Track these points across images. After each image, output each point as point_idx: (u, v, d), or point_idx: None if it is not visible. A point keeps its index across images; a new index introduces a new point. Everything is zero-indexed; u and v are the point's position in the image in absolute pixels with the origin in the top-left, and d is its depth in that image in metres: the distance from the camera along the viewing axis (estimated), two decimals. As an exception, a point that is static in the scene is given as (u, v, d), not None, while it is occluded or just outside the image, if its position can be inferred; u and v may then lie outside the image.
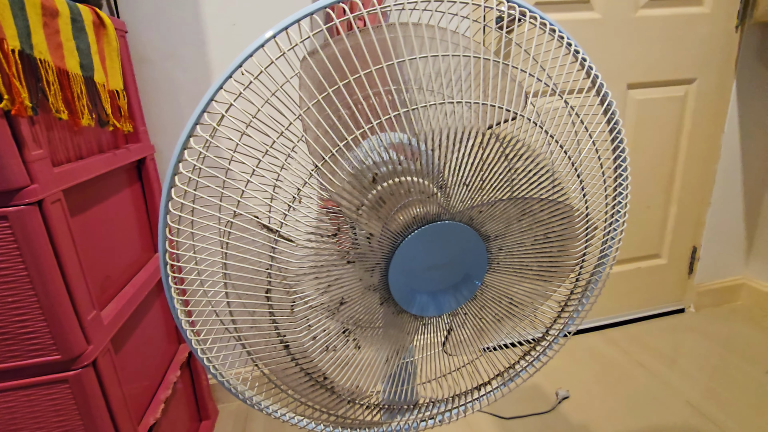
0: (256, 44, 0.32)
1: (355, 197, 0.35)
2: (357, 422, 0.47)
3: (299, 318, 0.36)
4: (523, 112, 0.38)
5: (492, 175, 0.37)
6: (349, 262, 0.36)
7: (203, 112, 0.32)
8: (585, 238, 0.42)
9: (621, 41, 1.18)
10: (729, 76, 1.29)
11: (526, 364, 0.49)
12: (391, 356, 0.42)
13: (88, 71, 0.68)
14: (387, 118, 0.35)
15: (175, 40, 0.93)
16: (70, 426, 0.62)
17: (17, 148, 0.52)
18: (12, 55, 0.50)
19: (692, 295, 1.50)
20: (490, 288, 0.43)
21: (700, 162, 1.36)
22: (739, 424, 1.01)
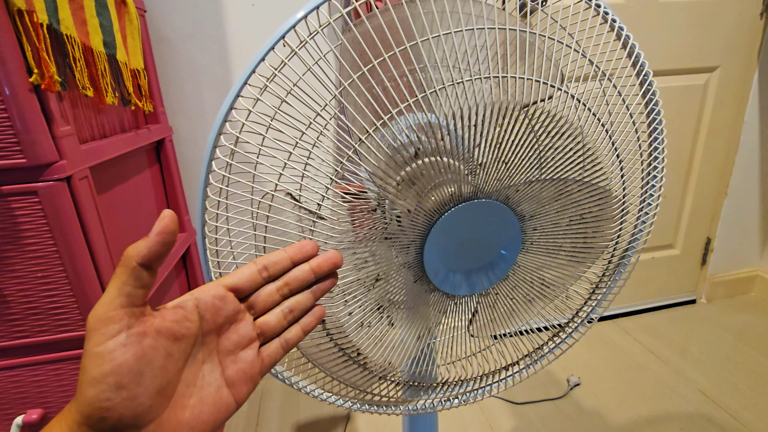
0: (300, 15, 0.32)
1: (394, 171, 0.35)
2: (383, 399, 0.47)
3: (336, 293, 0.36)
4: (563, 88, 0.37)
5: (530, 153, 0.37)
6: (387, 238, 0.36)
7: (244, 83, 0.31)
8: (620, 220, 0.42)
9: (644, 27, 1.16)
10: (752, 64, 1.26)
11: (554, 345, 0.49)
12: (423, 334, 0.42)
13: (111, 49, 0.67)
14: (414, 100, 0.35)
15: (194, 20, 0.92)
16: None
17: (46, 124, 0.52)
18: (41, 29, 0.50)
19: (705, 286, 1.49)
20: (523, 268, 0.43)
21: (719, 152, 1.34)
22: (752, 412, 1.02)
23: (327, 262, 0.26)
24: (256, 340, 0.25)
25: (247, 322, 0.25)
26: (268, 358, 0.25)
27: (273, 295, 0.25)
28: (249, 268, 0.24)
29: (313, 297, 0.27)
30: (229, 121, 0.34)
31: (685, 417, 1.02)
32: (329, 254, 0.26)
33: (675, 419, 1.02)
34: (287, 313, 0.26)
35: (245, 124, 0.34)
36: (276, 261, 0.25)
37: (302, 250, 0.26)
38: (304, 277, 0.26)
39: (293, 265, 0.26)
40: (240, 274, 0.24)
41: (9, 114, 0.49)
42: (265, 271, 0.25)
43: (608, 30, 0.38)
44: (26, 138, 0.50)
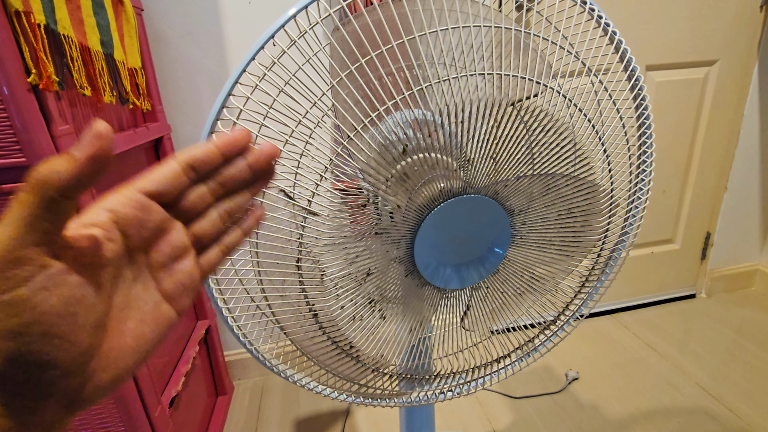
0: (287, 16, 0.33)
1: (384, 168, 0.35)
2: (378, 392, 0.48)
3: (328, 287, 0.37)
4: (550, 85, 0.38)
5: (519, 149, 0.37)
6: (377, 234, 0.37)
7: (242, 72, 0.32)
8: (609, 214, 0.43)
9: (643, 21, 1.15)
10: (751, 57, 1.25)
11: (545, 338, 0.49)
12: (415, 327, 0.43)
13: (108, 48, 0.68)
14: (410, 93, 0.35)
15: (191, 18, 0.92)
16: (98, 394, 0.64)
17: (45, 123, 0.53)
18: (38, 30, 0.51)
19: (704, 280, 1.49)
20: (513, 262, 0.43)
21: (719, 146, 1.34)
22: (750, 407, 1.02)
23: (265, 155, 0.22)
24: (192, 248, 0.22)
25: (177, 230, 0.21)
26: (208, 265, 0.23)
27: (206, 198, 0.22)
28: (170, 167, 0.20)
29: (251, 196, 0.24)
30: (221, 119, 0.34)
31: (684, 411, 1.03)
32: (265, 145, 0.23)
33: (673, 414, 1.02)
34: (225, 217, 0.23)
35: (237, 123, 0.35)
36: (203, 157, 0.21)
37: (235, 141, 0.21)
38: (240, 175, 0.22)
39: (224, 161, 0.22)
40: (160, 176, 0.20)
41: (8, 114, 0.50)
42: (191, 171, 0.21)
43: (594, 26, 0.38)
44: (25, 137, 0.51)
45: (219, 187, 0.22)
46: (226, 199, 0.23)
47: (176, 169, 0.20)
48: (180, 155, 0.20)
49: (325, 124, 0.36)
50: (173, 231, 0.21)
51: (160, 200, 0.20)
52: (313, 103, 0.33)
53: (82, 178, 0.16)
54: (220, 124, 0.33)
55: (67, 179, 0.15)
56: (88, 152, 0.16)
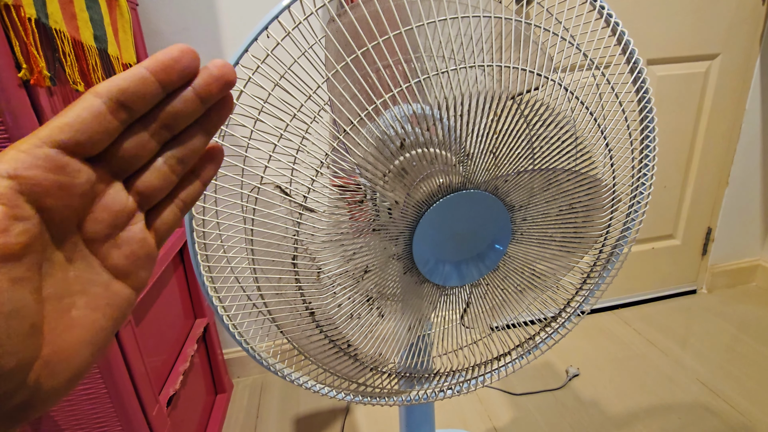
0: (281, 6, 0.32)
1: (382, 163, 0.35)
2: (377, 390, 0.48)
3: (325, 285, 0.36)
4: (551, 77, 0.37)
5: (520, 143, 0.37)
6: (375, 230, 0.36)
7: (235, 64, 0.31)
8: (611, 209, 0.42)
9: (644, 15, 1.14)
10: (753, 51, 1.24)
11: (546, 336, 0.49)
12: (414, 325, 0.42)
13: (102, 43, 0.67)
14: (408, 86, 0.34)
15: (187, 13, 0.91)
16: (96, 394, 0.64)
17: (37, 119, 0.52)
18: (29, 24, 0.50)
19: (705, 276, 1.49)
20: (513, 259, 0.43)
21: (720, 141, 1.33)
22: (751, 402, 1.02)
23: (217, 80, 0.17)
24: (138, 210, 0.18)
25: (115, 191, 0.17)
26: (164, 226, 0.19)
27: (147, 144, 0.17)
28: (88, 106, 0.15)
29: (207, 136, 0.19)
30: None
31: (685, 407, 1.02)
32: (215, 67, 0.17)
33: (674, 409, 1.02)
34: (175, 166, 0.18)
35: (231, 117, 0.34)
36: (134, 88, 0.16)
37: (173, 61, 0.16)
38: (188, 109, 0.17)
39: (164, 92, 0.17)
40: (76, 119, 0.15)
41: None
42: (121, 109, 0.16)
43: (596, 17, 0.37)
44: (17, 134, 0.50)
45: (162, 129, 0.17)
46: (175, 144, 0.18)
47: (99, 108, 0.15)
48: (101, 87, 0.15)
49: (322, 118, 0.35)
50: (109, 192, 0.17)
51: (83, 153, 0.15)
52: (308, 96, 0.32)
53: None
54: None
55: None
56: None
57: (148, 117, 0.17)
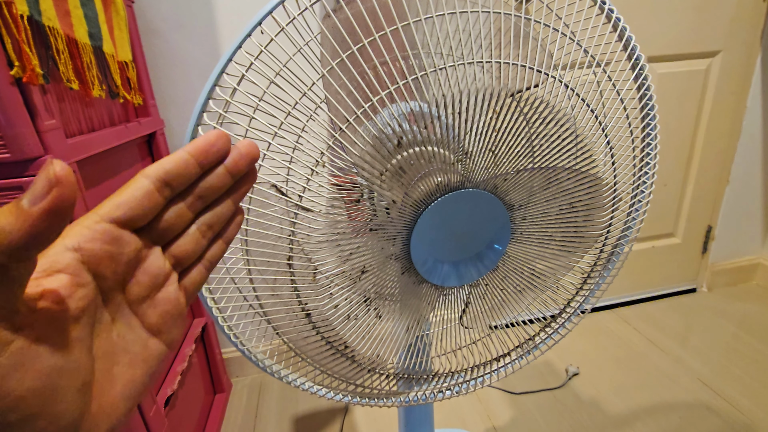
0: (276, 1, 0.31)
1: (379, 162, 0.34)
2: (375, 392, 0.47)
3: (321, 286, 0.36)
4: (551, 74, 0.36)
5: (519, 141, 0.36)
6: (372, 230, 0.36)
7: (228, 61, 0.30)
8: (612, 208, 0.41)
9: (644, 12, 1.13)
10: (754, 49, 1.24)
11: (546, 336, 0.48)
12: (412, 326, 0.41)
13: (96, 41, 0.66)
14: (405, 83, 0.34)
15: (183, 11, 0.90)
16: (91, 394, 0.63)
17: (30, 118, 0.51)
18: (21, 21, 0.49)
19: (706, 274, 1.49)
20: (513, 258, 0.42)
21: (720, 139, 1.32)
22: (751, 401, 1.01)
23: (244, 158, 0.20)
24: (173, 273, 0.20)
25: (155, 256, 0.19)
26: (192, 286, 0.21)
27: (185, 215, 0.19)
28: (140, 186, 0.17)
29: (234, 205, 0.21)
30: (207, 111, 0.33)
31: (685, 406, 1.02)
32: (244, 147, 0.20)
33: (674, 408, 1.02)
34: (206, 231, 0.20)
35: (225, 116, 0.33)
36: (178, 170, 0.18)
37: (210, 146, 0.19)
38: (220, 184, 0.20)
39: (202, 171, 0.19)
40: (130, 199, 0.17)
41: (-9, 108, 0.48)
42: (166, 188, 0.18)
43: (598, 12, 0.36)
44: (9, 132, 0.49)
45: (197, 201, 0.19)
46: (207, 212, 0.20)
47: (148, 188, 0.17)
48: (151, 170, 0.18)
49: (318, 116, 0.35)
50: (150, 258, 0.19)
51: (133, 226, 0.18)
52: (303, 93, 0.32)
53: (38, 236, 0.13)
54: (206, 117, 0.32)
55: (19, 241, 0.12)
56: (43, 205, 0.12)
57: (187, 191, 0.19)
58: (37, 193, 0.13)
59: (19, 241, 0.12)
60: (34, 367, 0.14)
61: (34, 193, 0.13)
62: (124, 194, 0.17)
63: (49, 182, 0.13)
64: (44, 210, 0.13)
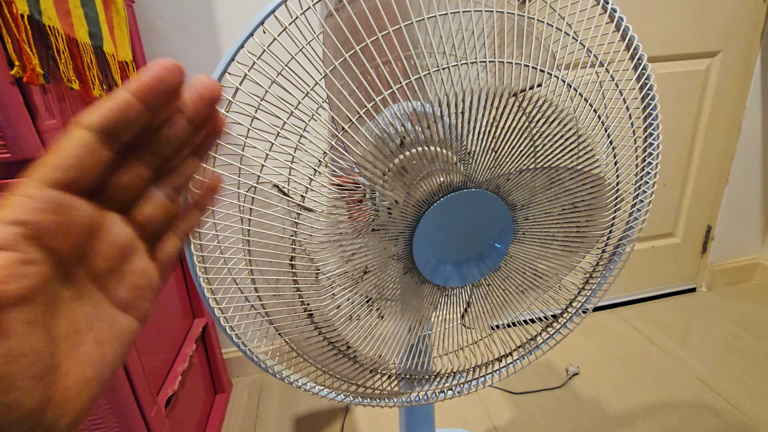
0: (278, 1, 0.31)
1: (381, 162, 0.34)
2: (376, 392, 0.47)
3: (324, 286, 0.36)
4: (554, 74, 0.36)
5: (522, 141, 0.36)
6: (374, 230, 0.36)
7: (230, 61, 0.30)
8: (614, 208, 0.41)
9: (644, 12, 1.13)
10: (754, 49, 1.24)
11: (548, 336, 0.48)
12: (414, 326, 0.41)
13: (97, 40, 0.66)
14: (408, 83, 0.34)
15: (184, 10, 0.90)
16: (92, 395, 0.63)
17: (30, 118, 0.51)
18: (21, 21, 0.49)
19: (705, 274, 1.49)
20: (515, 259, 0.42)
21: (720, 139, 1.33)
22: (751, 400, 1.01)
23: (203, 98, 0.17)
24: (140, 242, 0.18)
25: (115, 223, 0.17)
26: (166, 257, 0.19)
27: (142, 174, 0.17)
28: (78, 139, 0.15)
29: (199, 161, 0.19)
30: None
31: (685, 405, 1.02)
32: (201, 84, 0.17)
33: (674, 408, 1.02)
34: (172, 194, 0.18)
35: (227, 115, 0.33)
36: (120, 115, 0.15)
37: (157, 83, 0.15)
38: (177, 133, 0.17)
39: (151, 114, 0.16)
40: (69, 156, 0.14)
41: (-9, 108, 0.48)
42: (110, 139, 0.15)
43: (600, 12, 0.36)
44: (10, 132, 0.49)
45: (156, 157, 0.17)
46: (169, 172, 0.18)
47: (88, 140, 0.15)
48: (88, 117, 0.15)
49: (320, 116, 0.35)
50: (109, 226, 0.17)
51: (81, 189, 0.15)
52: (306, 93, 0.32)
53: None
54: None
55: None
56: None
57: (139, 144, 0.16)
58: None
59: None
60: None
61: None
62: (61, 151, 0.14)
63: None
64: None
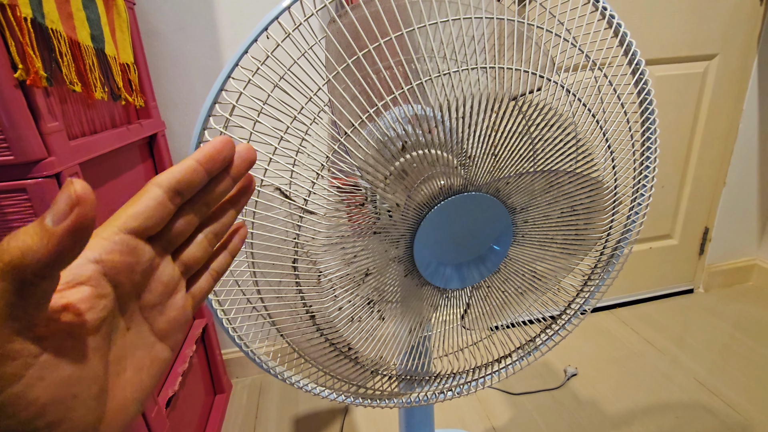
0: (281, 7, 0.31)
1: (382, 165, 0.34)
2: (377, 393, 0.48)
3: (326, 288, 0.36)
4: (553, 78, 0.36)
5: (521, 145, 0.36)
6: (375, 233, 0.36)
7: (234, 66, 0.31)
8: (612, 211, 0.42)
9: (641, 15, 1.14)
10: (751, 52, 1.25)
11: (546, 337, 0.49)
12: (414, 328, 0.42)
13: (99, 43, 0.66)
14: (409, 88, 0.34)
15: (184, 12, 0.90)
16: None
17: (33, 120, 0.51)
18: (24, 24, 0.49)
19: (702, 275, 1.50)
20: (514, 261, 0.42)
21: (717, 141, 1.33)
22: (747, 401, 1.02)
23: (245, 161, 0.20)
24: (183, 280, 0.21)
25: (166, 264, 0.19)
26: (200, 293, 0.22)
27: (193, 222, 0.20)
28: (153, 196, 0.18)
29: (236, 213, 0.22)
30: (213, 115, 0.33)
31: (682, 406, 1.03)
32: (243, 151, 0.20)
33: (671, 408, 1.02)
34: (212, 239, 0.21)
35: (230, 120, 0.34)
36: (189, 179, 0.18)
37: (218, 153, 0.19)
38: (224, 188, 0.20)
39: (209, 178, 0.19)
40: (145, 209, 0.17)
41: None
42: (177, 196, 0.18)
43: (599, 18, 0.37)
44: (13, 134, 0.49)
45: (204, 207, 0.20)
46: (212, 221, 0.21)
47: (160, 197, 0.18)
48: (163, 179, 0.18)
49: (322, 120, 0.35)
50: (162, 266, 0.19)
51: (147, 235, 0.18)
52: (309, 98, 0.32)
53: (61, 254, 0.13)
54: (213, 121, 0.32)
55: (44, 259, 0.13)
56: (66, 225, 0.13)
57: (194, 198, 0.20)
58: (60, 212, 0.13)
59: (45, 258, 0.13)
60: (57, 376, 0.15)
61: (57, 212, 0.13)
62: (138, 204, 0.18)
63: (71, 201, 0.13)
64: (67, 229, 0.13)
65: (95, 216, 0.14)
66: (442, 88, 0.34)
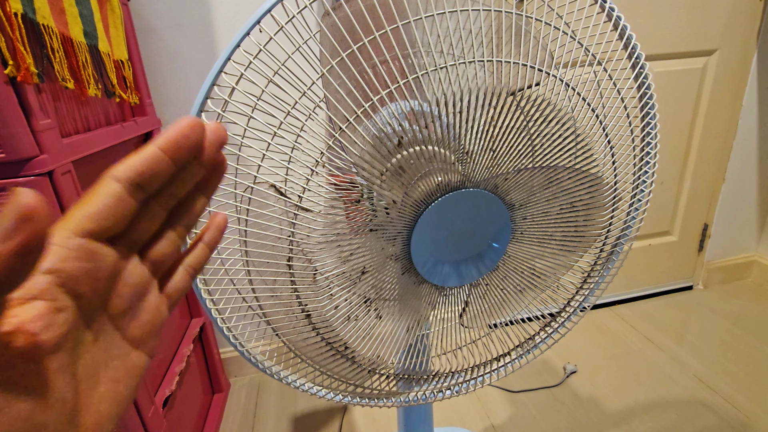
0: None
1: (379, 162, 0.34)
2: (375, 392, 0.47)
3: (321, 287, 0.35)
4: (552, 72, 0.36)
5: (520, 140, 0.36)
6: (372, 230, 0.35)
7: (226, 60, 0.30)
8: (612, 207, 0.41)
9: (641, 10, 1.13)
10: (750, 47, 1.24)
11: (545, 335, 0.48)
12: (412, 326, 0.41)
13: (92, 39, 0.66)
14: (405, 83, 0.34)
15: (179, 9, 0.89)
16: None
17: (25, 117, 0.50)
18: (15, 19, 0.48)
19: (702, 272, 1.49)
20: (513, 258, 0.42)
21: (717, 137, 1.33)
22: (747, 397, 1.02)
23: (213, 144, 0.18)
24: (153, 279, 0.19)
25: (133, 265, 0.18)
26: (176, 293, 0.20)
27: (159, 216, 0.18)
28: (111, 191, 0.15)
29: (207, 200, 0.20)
30: (205, 111, 0.33)
31: (681, 403, 1.02)
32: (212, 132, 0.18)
33: (671, 405, 1.02)
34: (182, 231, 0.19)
35: (223, 116, 0.33)
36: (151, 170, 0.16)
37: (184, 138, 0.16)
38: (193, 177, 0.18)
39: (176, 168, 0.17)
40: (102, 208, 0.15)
41: (-15, 107, 0.47)
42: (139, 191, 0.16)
43: (598, 11, 0.36)
44: (4, 132, 0.49)
45: (171, 199, 0.18)
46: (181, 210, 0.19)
47: (119, 193, 0.16)
48: (120, 171, 0.16)
49: (317, 116, 0.34)
50: (129, 267, 0.17)
51: (107, 236, 0.16)
52: (303, 92, 0.31)
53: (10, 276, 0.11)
54: (204, 117, 0.31)
55: None
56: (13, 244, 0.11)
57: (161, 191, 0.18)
58: (6, 229, 0.11)
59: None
60: (16, 410, 0.13)
61: (2, 229, 0.11)
62: (94, 202, 0.15)
63: (19, 215, 0.11)
64: (14, 250, 0.11)
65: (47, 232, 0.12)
66: (439, 82, 0.34)
